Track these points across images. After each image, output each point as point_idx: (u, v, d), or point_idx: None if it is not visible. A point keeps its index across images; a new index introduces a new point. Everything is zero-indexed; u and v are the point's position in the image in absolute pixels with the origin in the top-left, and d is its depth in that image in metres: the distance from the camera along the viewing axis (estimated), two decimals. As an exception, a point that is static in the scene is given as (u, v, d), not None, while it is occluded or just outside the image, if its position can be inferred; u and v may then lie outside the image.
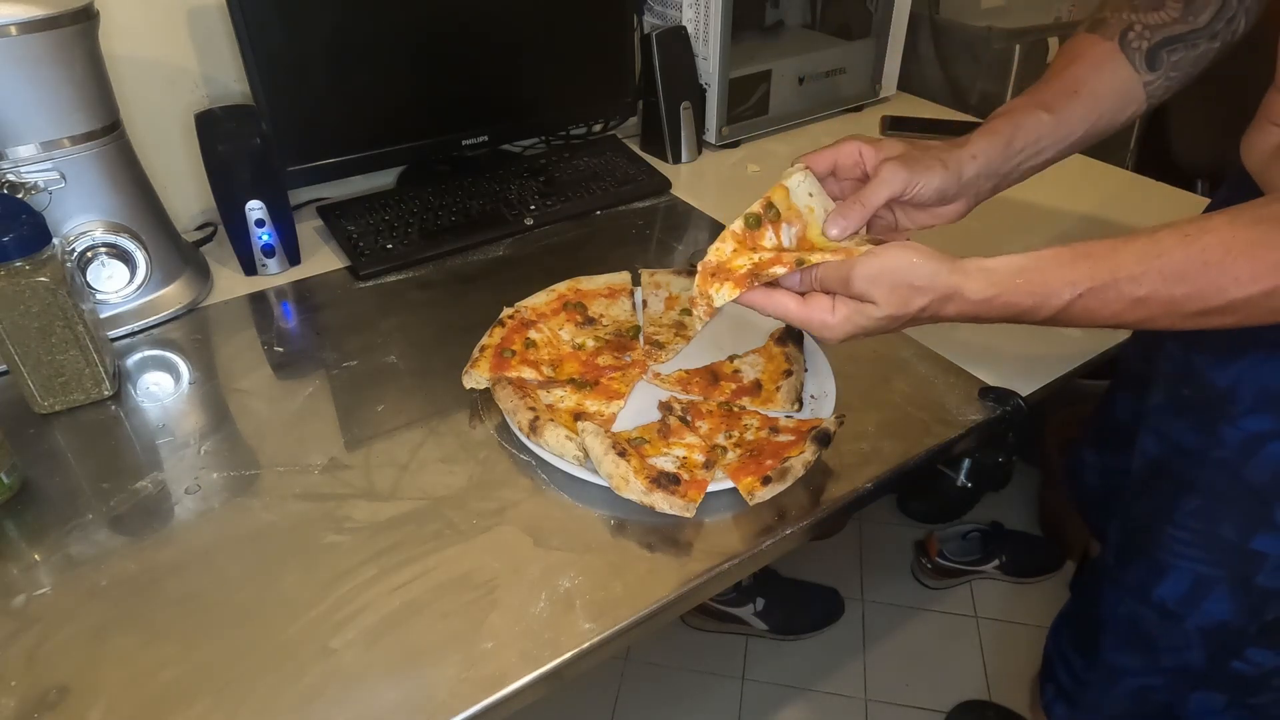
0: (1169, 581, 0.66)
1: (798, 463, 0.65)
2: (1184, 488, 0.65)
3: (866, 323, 0.56)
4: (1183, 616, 0.66)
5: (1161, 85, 0.68)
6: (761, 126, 1.31)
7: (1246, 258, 0.47)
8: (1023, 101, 0.67)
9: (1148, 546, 0.67)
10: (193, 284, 0.91)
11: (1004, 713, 1.35)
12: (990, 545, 1.57)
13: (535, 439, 0.68)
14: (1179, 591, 0.65)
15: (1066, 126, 0.66)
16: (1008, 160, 0.65)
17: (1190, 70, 0.68)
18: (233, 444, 0.72)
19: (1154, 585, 0.67)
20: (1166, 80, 0.68)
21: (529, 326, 0.81)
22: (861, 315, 0.55)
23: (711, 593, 0.62)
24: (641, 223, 1.09)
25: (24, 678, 0.53)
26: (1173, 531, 0.65)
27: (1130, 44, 0.67)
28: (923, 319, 0.56)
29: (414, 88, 1.06)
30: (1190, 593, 0.65)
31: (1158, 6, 0.67)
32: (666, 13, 1.25)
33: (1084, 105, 0.67)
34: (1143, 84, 0.68)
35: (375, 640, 0.55)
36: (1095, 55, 0.68)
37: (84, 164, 0.81)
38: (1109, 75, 0.67)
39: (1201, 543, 0.64)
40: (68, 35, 0.76)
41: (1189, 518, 0.64)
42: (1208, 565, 0.64)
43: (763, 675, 1.42)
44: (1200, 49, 0.67)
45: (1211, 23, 0.67)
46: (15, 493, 0.67)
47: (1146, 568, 0.67)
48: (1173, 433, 0.66)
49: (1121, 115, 0.69)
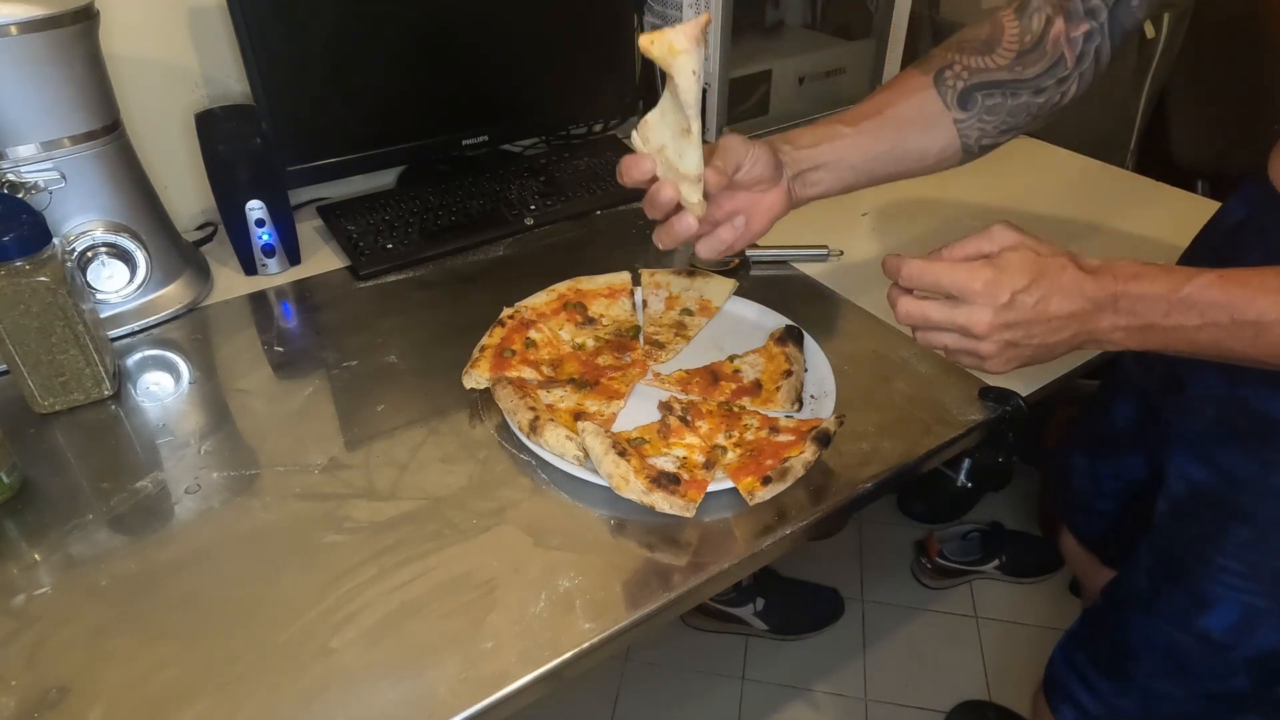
0: (1216, 612, 0.64)
1: (798, 463, 0.65)
2: (1235, 517, 0.63)
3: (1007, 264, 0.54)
4: (1230, 647, 0.65)
5: (975, 126, 0.69)
6: (762, 126, 1.31)
7: None
8: (826, 118, 0.70)
9: (1190, 575, 0.66)
10: (193, 284, 0.91)
11: (1004, 713, 1.35)
12: (990, 545, 1.57)
13: (535, 439, 0.68)
14: (1227, 622, 0.64)
15: (864, 142, 0.68)
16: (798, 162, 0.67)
17: (1010, 119, 0.69)
18: (233, 444, 0.72)
19: (1198, 616, 0.65)
20: (980, 122, 0.69)
21: (529, 326, 0.81)
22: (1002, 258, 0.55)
23: (711, 593, 0.62)
24: (641, 223, 1.08)
25: (24, 677, 0.53)
26: (1222, 561, 0.63)
27: (945, 80, 0.69)
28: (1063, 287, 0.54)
29: (414, 87, 1.06)
30: (1240, 624, 0.64)
31: (987, 52, 0.68)
32: (666, 13, 1.25)
33: (884, 125, 0.69)
34: (953, 120, 0.69)
35: (375, 640, 0.55)
36: (906, 86, 0.70)
37: (84, 164, 0.81)
38: (915, 103, 0.69)
39: (1254, 574, 0.62)
40: (68, 35, 0.76)
41: (1241, 548, 0.63)
42: (1260, 597, 0.62)
43: (763, 675, 1.42)
44: (1021, 99, 0.68)
45: (1039, 77, 0.68)
46: (15, 493, 0.67)
47: (1189, 597, 0.66)
48: (1223, 461, 0.65)
49: (930, 144, 0.70)
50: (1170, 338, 0.53)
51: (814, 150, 0.68)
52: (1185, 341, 0.53)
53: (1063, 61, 0.67)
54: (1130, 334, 0.54)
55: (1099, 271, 0.54)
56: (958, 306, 0.55)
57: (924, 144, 0.70)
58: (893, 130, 0.69)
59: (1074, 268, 0.54)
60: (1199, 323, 0.52)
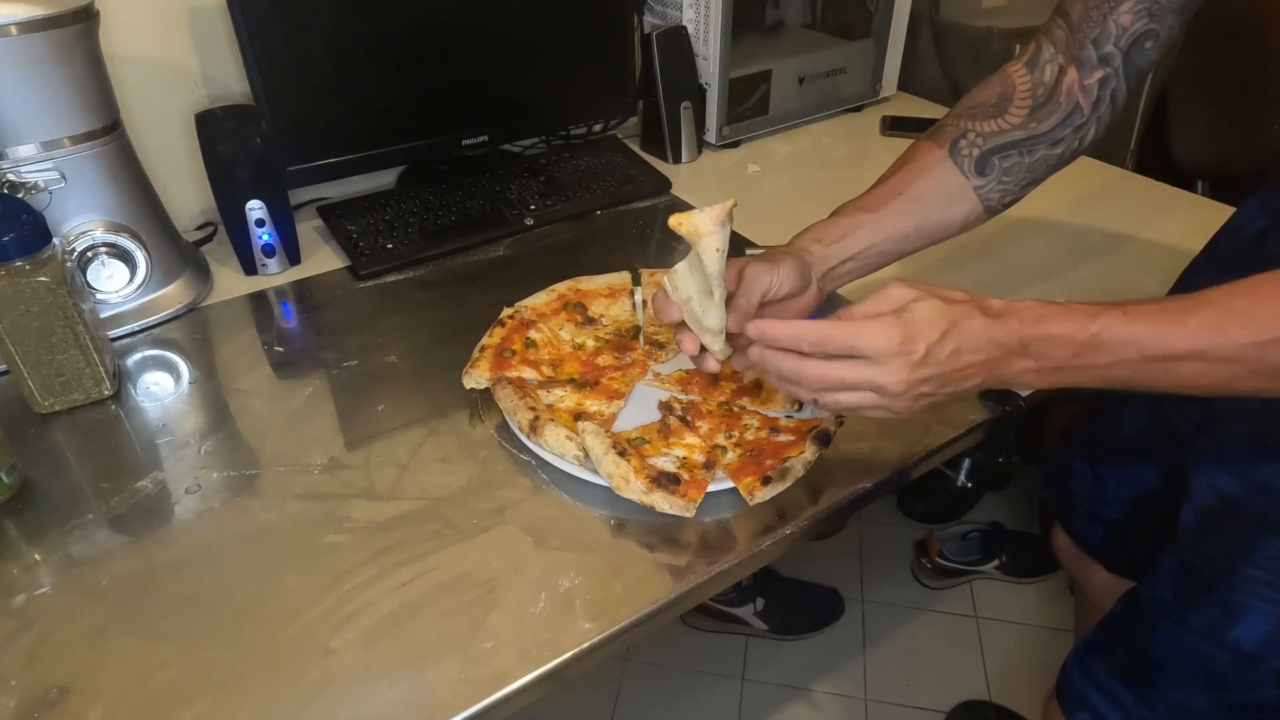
0: (1246, 623, 0.64)
1: (798, 463, 0.65)
2: (1268, 528, 0.63)
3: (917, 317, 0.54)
4: (1261, 658, 0.64)
5: (995, 190, 0.70)
6: (762, 126, 1.31)
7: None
8: (848, 204, 0.71)
9: (1219, 586, 0.65)
10: (193, 284, 0.91)
11: (1004, 713, 1.35)
12: (990, 545, 1.57)
13: (535, 439, 0.68)
14: (1258, 634, 0.64)
15: (888, 225, 0.69)
16: (830, 255, 0.67)
17: (1029, 175, 0.70)
18: (233, 444, 0.72)
19: (1228, 627, 0.65)
20: (1000, 184, 0.70)
21: (529, 326, 0.81)
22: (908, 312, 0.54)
23: (711, 593, 0.62)
24: (641, 223, 1.09)
25: (24, 677, 0.53)
26: (1253, 572, 0.63)
27: (960, 151, 0.69)
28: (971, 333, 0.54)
29: (414, 87, 1.06)
30: (1271, 635, 0.63)
31: (998, 114, 0.69)
32: (667, 13, 1.25)
33: (907, 205, 0.69)
34: (974, 189, 0.69)
35: (375, 640, 0.55)
36: (923, 162, 0.70)
37: (84, 164, 0.81)
38: (934, 178, 0.69)
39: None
40: (68, 35, 0.76)
41: (1272, 559, 0.62)
42: None
43: (763, 675, 1.42)
44: (1038, 155, 0.69)
45: (1055, 129, 0.68)
46: (15, 493, 0.67)
47: (1219, 608, 0.65)
48: (1258, 474, 0.64)
49: (954, 216, 0.70)
50: (1082, 376, 0.53)
51: (841, 245, 0.68)
52: (1098, 379, 0.53)
53: (1079, 110, 0.67)
54: (1041, 375, 0.55)
55: (1005, 315, 0.54)
56: (872, 365, 0.55)
57: (948, 216, 0.70)
58: (916, 209, 0.69)
59: (980, 315, 0.54)
60: (1109, 361, 0.52)
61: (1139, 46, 0.65)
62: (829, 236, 0.68)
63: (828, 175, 1.22)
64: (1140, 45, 0.65)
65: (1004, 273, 0.95)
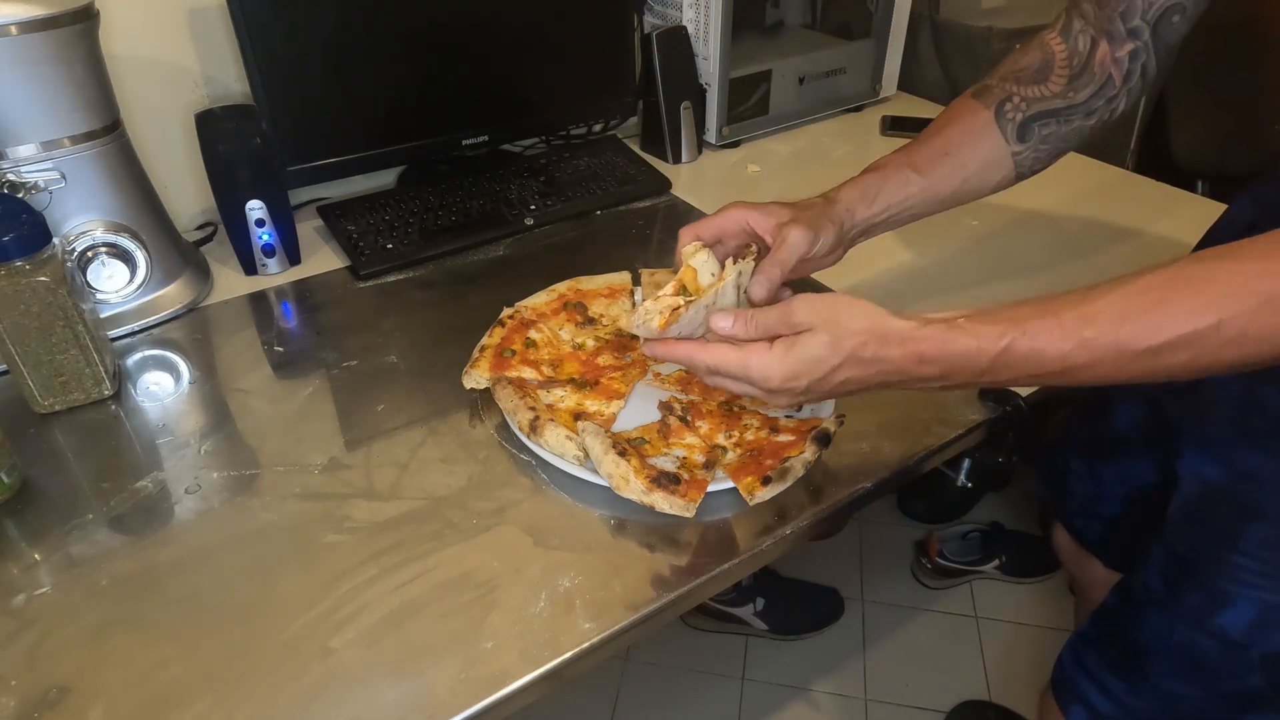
0: (1233, 610, 0.64)
1: (798, 463, 0.65)
2: (1252, 515, 0.63)
3: (806, 354, 0.56)
4: (1248, 645, 0.64)
5: (1030, 157, 0.71)
6: (762, 126, 1.31)
7: (1190, 290, 0.47)
8: (895, 159, 0.72)
9: (1205, 574, 0.66)
10: (193, 284, 0.91)
11: (1004, 713, 1.35)
12: (990, 545, 1.57)
13: (535, 439, 0.68)
14: (1244, 620, 0.64)
15: (934, 188, 0.70)
16: (874, 217, 0.69)
17: (1059, 145, 0.71)
18: (233, 444, 0.72)
19: (1214, 614, 0.65)
20: (1035, 152, 0.71)
21: (529, 326, 0.81)
22: (801, 347, 0.56)
23: (711, 593, 0.62)
24: (642, 223, 1.09)
25: (24, 677, 0.53)
26: (1238, 560, 0.63)
27: (1005, 115, 0.70)
28: (865, 361, 0.55)
29: (414, 87, 1.06)
30: (1257, 622, 0.63)
31: (1041, 80, 0.69)
32: (666, 13, 1.25)
33: (950, 169, 0.70)
34: (1011, 154, 0.70)
35: (375, 640, 0.55)
36: (970, 122, 0.71)
37: (84, 164, 0.81)
38: (979, 144, 0.70)
39: (1271, 572, 0.62)
40: (68, 35, 0.76)
41: (1258, 546, 0.63)
42: (1277, 594, 0.62)
43: (763, 675, 1.42)
44: (1074, 125, 0.70)
45: (1090, 100, 0.69)
46: (15, 492, 0.67)
47: (1205, 596, 0.66)
48: (1240, 460, 0.65)
49: (988, 182, 0.72)
50: (1004, 381, 0.54)
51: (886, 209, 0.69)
52: (1010, 383, 0.54)
53: (1111, 82, 0.68)
54: (956, 385, 0.56)
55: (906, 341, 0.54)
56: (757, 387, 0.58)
57: (984, 181, 0.71)
58: (958, 171, 0.70)
59: (875, 345, 0.54)
60: (1012, 376, 0.53)
61: (1167, 20, 0.66)
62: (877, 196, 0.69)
63: (828, 175, 1.21)
64: (1168, 19, 0.66)
65: (999, 268, 0.95)
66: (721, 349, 0.59)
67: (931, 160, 0.70)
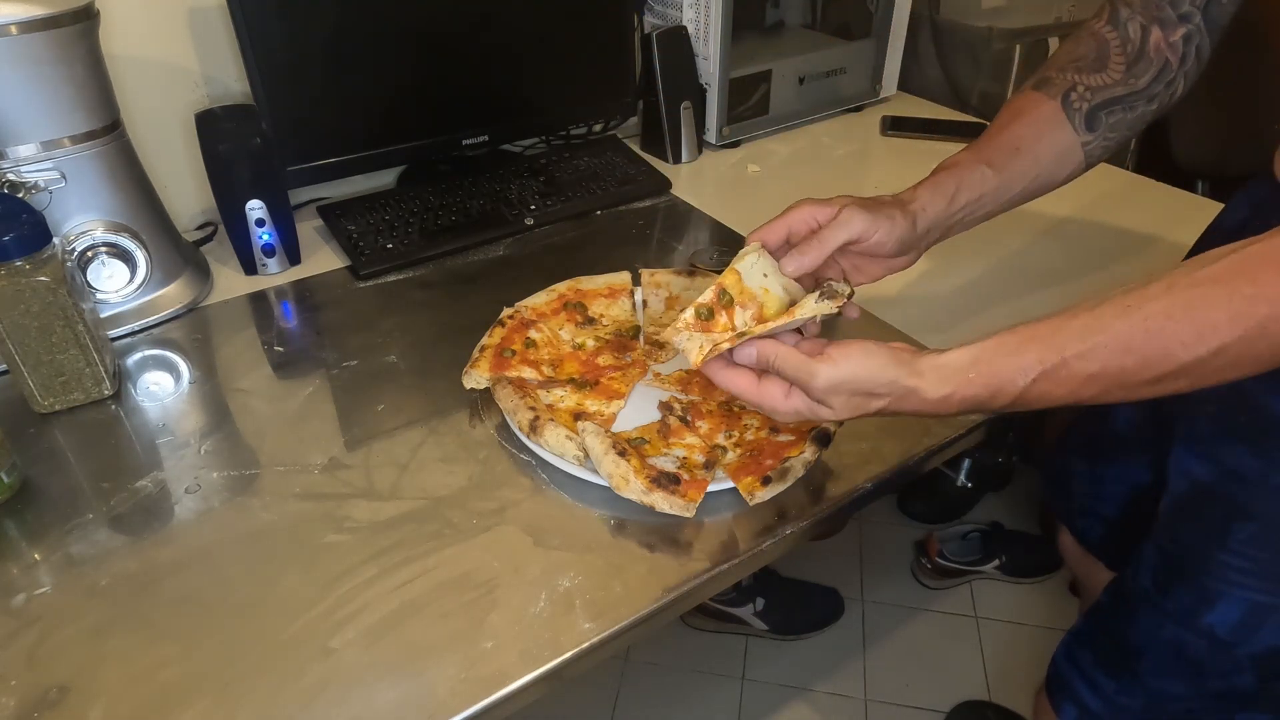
0: (1220, 609, 0.64)
1: (798, 463, 0.65)
2: (1239, 514, 0.63)
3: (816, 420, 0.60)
4: (1235, 644, 0.65)
5: (1099, 146, 0.70)
6: (762, 126, 1.31)
7: (1187, 321, 0.47)
8: (967, 156, 0.70)
9: (1194, 573, 0.66)
10: (193, 283, 0.91)
11: (1004, 713, 1.35)
12: (990, 545, 1.57)
13: (535, 439, 0.68)
14: (1231, 619, 0.64)
15: (1008, 184, 0.69)
16: (951, 215, 0.67)
17: (1126, 133, 0.70)
18: (233, 443, 0.72)
19: (1203, 612, 0.65)
20: (1104, 141, 0.70)
21: (529, 326, 0.81)
22: (814, 414, 0.57)
23: (711, 593, 0.62)
24: (642, 223, 1.09)
25: (24, 677, 0.53)
26: (1225, 558, 0.63)
27: (1072, 105, 0.69)
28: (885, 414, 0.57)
29: (414, 87, 1.06)
30: (1244, 621, 0.64)
31: (1100, 68, 0.69)
32: (667, 13, 1.25)
33: (1024, 164, 0.69)
34: (1081, 145, 0.70)
35: (375, 640, 0.55)
36: (1038, 114, 0.70)
37: (84, 163, 0.81)
38: (1050, 137, 0.69)
39: (1259, 571, 0.62)
40: (68, 35, 0.76)
41: (1245, 545, 0.63)
42: (1265, 594, 0.62)
43: (763, 675, 1.42)
44: (1138, 111, 0.69)
45: (1150, 85, 0.68)
46: (15, 492, 0.67)
47: (1194, 594, 0.66)
48: (1227, 458, 0.65)
49: (1060, 175, 0.71)
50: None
51: (965, 206, 0.68)
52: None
53: (1168, 66, 0.68)
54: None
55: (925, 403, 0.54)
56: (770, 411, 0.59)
57: (1056, 174, 0.71)
58: (1031, 167, 0.69)
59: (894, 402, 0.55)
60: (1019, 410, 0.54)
61: (1217, 2, 0.66)
62: (955, 193, 0.67)
63: (828, 175, 1.22)
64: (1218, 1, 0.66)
65: (1008, 275, 0.95)
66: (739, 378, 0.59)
67: (1005, 155, 0.69)
